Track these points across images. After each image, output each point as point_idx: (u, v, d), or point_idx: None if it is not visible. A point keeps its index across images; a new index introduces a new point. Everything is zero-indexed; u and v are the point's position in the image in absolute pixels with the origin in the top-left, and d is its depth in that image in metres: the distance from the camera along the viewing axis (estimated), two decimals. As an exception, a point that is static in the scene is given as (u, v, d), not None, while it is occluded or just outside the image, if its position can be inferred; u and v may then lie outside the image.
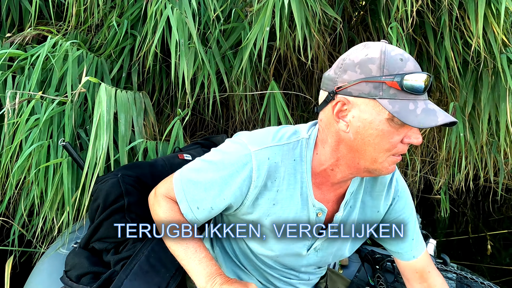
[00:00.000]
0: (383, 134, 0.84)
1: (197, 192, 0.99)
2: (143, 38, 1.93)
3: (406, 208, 1.08)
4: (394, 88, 0.82)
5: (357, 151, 0.88)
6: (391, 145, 0.85)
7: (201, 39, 2.03)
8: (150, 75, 2.21)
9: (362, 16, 2.65)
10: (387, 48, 0.85)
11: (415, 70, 0.84)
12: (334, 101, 0.88)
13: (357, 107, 0.85)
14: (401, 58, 0.84)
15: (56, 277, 1.29)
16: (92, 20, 2.00)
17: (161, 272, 1.17)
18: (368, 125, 0.84)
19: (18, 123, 1.57)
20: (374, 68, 0.83)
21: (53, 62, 1.65)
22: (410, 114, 0.81)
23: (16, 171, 1.58)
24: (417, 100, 0.83)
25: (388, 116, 0.83)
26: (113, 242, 1.27)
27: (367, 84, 0.83)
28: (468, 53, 2.05)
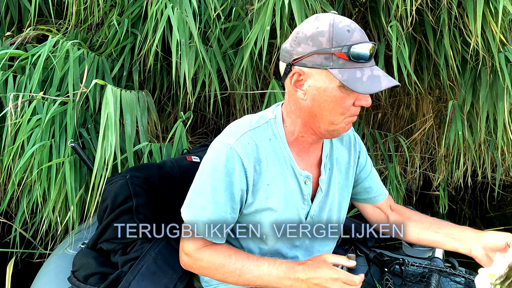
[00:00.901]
0: (336, 100, 0.94)
1: (215, 215, 1.01)
2: (144, 37, 1.93)
3: (367, 157, 1.24)
4: (342, 58, 0.91)
5: (316, 116, 0.98)
6: (344, 109, 0.95)
7: (201, 38, 2.04)
8: (151, 74, 2.22)
9: (362, 14, 2.65)
10: (335, 20, 0.93)
11: (361, 40, 0.92)
12: (291, 72, 0.97)
13: (312, 77, 0.94)
14: (348, 29, 0.92)
15: (64, 277, 1.30)
16: (92, 19, 2.00)
17: (169, 273, 1.18)
18: (323, 92, 0.94)
19: (20, 124, 1.58)
20: (324, 41, 0.91)
21: (55, 62, 1.65)
22: (357, 81, 0.90)
23: (19, 171, 1.59)
24: (364, 67, 0.92)
25: (339, 84, 0.92)
26: (120, 243, 1.28)
27: (319, 55, 0.92)
28: (467, 51, 2.06)
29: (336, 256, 1.04)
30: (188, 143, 1.89)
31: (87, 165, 1.56)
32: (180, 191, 1.44)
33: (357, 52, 0.91)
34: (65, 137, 1.63)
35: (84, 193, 1.69)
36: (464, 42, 2.12)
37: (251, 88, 2.21)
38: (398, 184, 2.82)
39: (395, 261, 1.43)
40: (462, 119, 2.24)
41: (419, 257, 1.64)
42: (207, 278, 1.19)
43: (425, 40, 2.29)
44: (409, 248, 1.67)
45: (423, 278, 1.36)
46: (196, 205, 1.03)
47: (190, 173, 1.47)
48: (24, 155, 1.54)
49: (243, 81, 2.11)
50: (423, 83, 2.44)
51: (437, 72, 2.36)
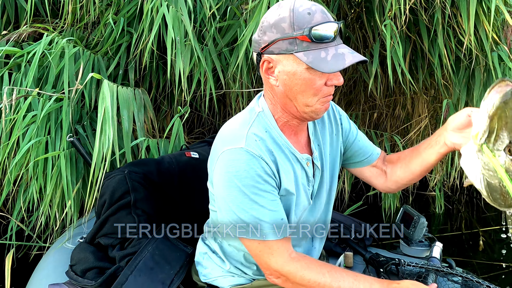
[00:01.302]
0: (306, 82, 0.96)
1: (274, 218, 1.01)
2: (139, 35, 1.94)
3: (350, 121, 1.26)
4: (305, 41, 0.93)
5: (291, 100, 1.01)
6: (316, 90, 0.97)
7: (197, 36, 2.05)
8: (147, 72, 2.23)
9: (357, 13, 2.67)
10: (296, 5, 0.95)
11: (322, 20, 0.94)
12: (261, 60, 1.00)
13: (280, 63, 0.97)
14: (308, 12, 0.94)
15: (62, 271, 1.31)
16: (88, 17, 2.01)
17: (166, 269, 1.19)
18: (292, 76, 0.97)
19: (15, 120, 1.59)
20: (286, 27, 0.95)
21: (50, 59, 1.66)
22: (322, 61, 0.93)
23: (14, 167, 1.60)
24: (328, 47, 0.94)
25: (306, 66, 0.95)
26: (118, 238, 1.28)
27: (283, 41, 0.95)
28: (461, 50, 2.08)
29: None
30: (185, 142, 1.90)
31: (86, 160, 1.57)
32: (179, 187, 1.46)
33: (319, 33, 0.93)
34: (61, 133, 1.64)
35: (82, 188, 1.70)
36: (458, 41, 2.14)
37: (247, 87, 2.22)
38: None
39: (390, 262, 1.44)
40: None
41: (417, 257, 1.65)
42: (205, 272, 1.20)
43: (420, 40, 2.31)
44: (407, 247, 1.68)
45: (419, 278, 1.36)
46: (250, 222, 0.99)
47: (188, 168, 1.49)
48: (19, 152, 1.55)
49: (238, 79, 2.13)
50: (418, 83, 2.45)
51: (432, 71, 2.38)
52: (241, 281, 1.16)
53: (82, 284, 1.22)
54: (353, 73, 2.92)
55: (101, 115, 1.49)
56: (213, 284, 1.18)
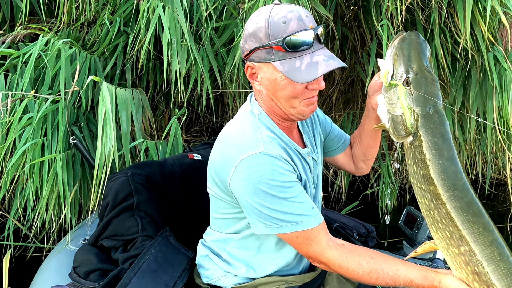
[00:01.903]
0: (287, 88, 1.00)
1: (307, 208, 1.04)
2: (135, 35, 1.94)
3: (320, 110, 1.34)
4: (281, 51, 0.97)
5: (276, 103, 1.05)
6: (297, 93, 1.01)
7: (194, 36, 2.05)
8: (144, 72, 2.23)
9: (355, 12, 2.67)
10: (272, 13, 0.98)
11: (297, 29, 0.96)
12: (245, 67, 1.05)
13: (261, 70, 1.02)
14: (284, 21, 0.97)
15: (65, 273, 1.31)
16: (84, 18, 2.01)
17: (169, 271, 1.20)
18: (273, 82, 1.01)
19: (11, 122, 1.59)
20: (262, 36, 0.98)
21: (46, 61, 1.66)
22: (296, 71, 0.96)
23: (10, 169, 1.60)
24: (304, 55, 0.97)
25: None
26: (121, 240, 1.29)
27: (261, 50, 0.99)
28: (457, 50, 2.08)
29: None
30: (183, 141, 1.91)
31: (89, 162, 1.56)
32: (182, 189, 1.47)
33: (293, 42, 0.96)
34: (57, 135, 1.65)
35: (79, 190, 1.71)
36: (455, 41, 2.14)
37: (244, 87, 2.22)
38: (391, 182, 2.84)
39: None
40: (452, 118, 2.26)
41: (420, 258, 1.66)
42: (207, 273, 1.21)
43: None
44: (410, 248, 1.68)
45: None
46: (285, 218, 1.02)
47: (191, 171, 1.50)
48: (15, 153, 1.56)
49: (235, 79, 2.13)
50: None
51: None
52: (243, 280, 1.18)
53: (85, 286, 1.22)
54: (351, 72, 2.92)
55: (102, 117, 1.49)
56: (216, 285, 1.19)
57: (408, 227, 1.69)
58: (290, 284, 1.17)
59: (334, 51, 2.70)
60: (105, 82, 1.56)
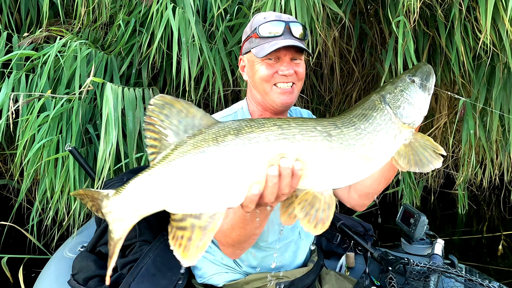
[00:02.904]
0: (260, 70, 1.11)
1: None
2: (150, 35, 1.99)
3: None
4: (257, 38, 1.11)
5: (256, 89, 1.14)
6: (268, 76, 1.10)
7: (206, 35, 2.07)
8: (159, 72, 2.28)
9: (374, 9, 2.60)
10: (260, 13, 1.15)
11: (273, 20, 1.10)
12: (239, 60, 1.20)
13: (246, 59, 1.16)
14: (265, 17, 1.12)
15: (64, 280, 1.32)
16: (101, 19, 2.08)
17: (168, 275, 1.20)
18: (251, 68, 1.14)
19: (29, 120, 1.68)
20: (248, 30, 1.16)
21: (62, 62, 1.74)
22: (262, 50, 1.09)
23: (29, 164, 1.70)
24: (273, 40, 1.08)
25: (260, 59, 1.09)
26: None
27: (246, 42, 1.15)
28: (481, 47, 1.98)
29: None
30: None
31: (85, 169, 1.56)
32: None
33: (264, 30, 1.09)
34: (71, 133, 1.72)
35: (91, 187, 1.78)
36: (477, 37, 2.04)
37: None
38: (411, 183, 2.76)
39: (400, 260, 1.42)
40: (474, 117, 2.15)
41: (418, 255, 1.63)
42: (200, 273, 1.24)
43: (438, 35, 2.22)
44: (408, 245, 1.65)
45: (426, 279, 1.36)
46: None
47: None
48: (31, 149, 1.64)
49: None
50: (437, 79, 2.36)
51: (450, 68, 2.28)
52: (235, 276, 1.19)
53: (84, 292, 1.24)
54: (371, 69, 2.85)
55: (105, 117, 1.55)
56: (209, 283, 1.21)
57: (405, 224, 1.65)
58: (281, 279, 1.18)
59: (352, 48, 2.64)
60: (109, 83, 1.61)
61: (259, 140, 0.74)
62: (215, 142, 0.71)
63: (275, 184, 0.75)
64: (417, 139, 0.90)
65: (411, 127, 0.90)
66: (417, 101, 0.93)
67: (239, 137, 0.73)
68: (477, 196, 3.58)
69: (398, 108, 0.91)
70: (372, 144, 0.86)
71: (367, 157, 0.85)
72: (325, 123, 0.84)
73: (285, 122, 0.79)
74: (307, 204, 0.80)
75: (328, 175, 0.81)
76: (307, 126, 0.81)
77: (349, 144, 0.83)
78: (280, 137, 0.76)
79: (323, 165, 0.79)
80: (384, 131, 0.88)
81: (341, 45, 2.64)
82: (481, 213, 3.36)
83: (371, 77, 2.93)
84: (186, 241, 0.72)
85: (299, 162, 0.77)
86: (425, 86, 0.96)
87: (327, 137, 0.81)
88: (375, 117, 0.89)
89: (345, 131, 0.85)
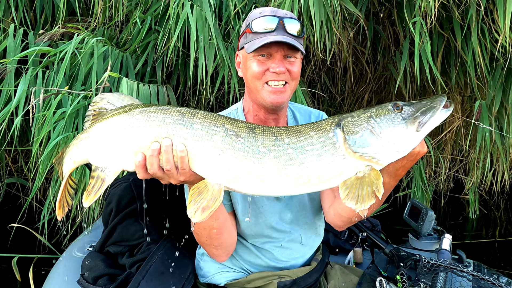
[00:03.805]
0: (251, 66, 1.08)
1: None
2: (166, 34, 1.99)
3: None
4: (250, 33, 1.08)
5: (248, 86, 1.12)
6: (258, 73, 1.07)
7: (222, 34, 2.07)
8: (174, 69, 2.27)
9: (388, 10, 2.59)
10: (257, 9, 1.12)
11: (266, 15, 1.07)
12: (235, 55, 1.18)
13: (241, 55, 1.14)
14: (260, 12, 1.10)
15: (73, 280, 1.32)
16: (117, 17, 2.08)
17: (176, 273, 1.21)
18: (244, 64, 1.11)
19: (46, 116, 1.68)
20: (243, 26, 1.14)
21: (80, 58, 1.74)
22: (252, 45, 1.06)
23: (44, 160, 1.69)
24: (265, 36, 1.05)
25: (252, 54, 1.07)
26: (127, 245, 1.30)
27: (241, 37, 1.13)
28: (496, 48, 1.97)
29: None
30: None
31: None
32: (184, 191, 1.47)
33: (257, 25, 1.07)
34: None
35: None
36: (495, 40, 2.03)
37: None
38: (423, 185, 2.74)
39: (411, 257, 1.40)
40: (489, 120, 2.14)
41: (426, 250, 1.62)
42: (202, 272, 1.24)
43: (453, 37, 2.21)
44: (416, 241, 1.64)
45: (436, 274, 1.34)
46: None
47: None
48: (48, 145, 1.64)
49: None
50: (451, 81, 2.35)
51: (466, 70, 2.27)
52: (237, 275, 1.19)
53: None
54: (383, 71, 2.84)
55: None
56: (211, 283, 1.22)
57: (413, 220, 1.64)
58: (283, 278, 1.17)
59: (366, 50, 2.64)
60: (124, 78, 1.61)
61: (156, 119, 0.86)
62: (126, 113, 0.88)
63: (153, 157, 0.85)
64: (370, 175, 0.83)
65: (369, 160, 0.83)
66: (387, 133, 0.83)
67: (143, 113, 0.87)
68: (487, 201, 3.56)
69: (353, 134, 0.84)
70: (292, 161, 0.85)
71: (279, 171, 0.85)
72: (242, 126, 0.88)
73: (192, 113, 0.87)
74: (197, 191, 0.86)
75: (221, 170, 0.85)
76: (215, 121, 0.87)
77: (258, 151, 0.85)
78: (176, 122, 0.86)
79: (212, 158, 0.85)
80: (316, 153, 0.85)
81: (355, 46, 2.63)
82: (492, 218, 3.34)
83: (383, 78, 2.92)
84: (90, 187, 0.89)
85: (182, 145, 0.85)
86: (414, 119, 0.84)
87: (232, 135, 0.86)
88: (311, 136, 0.86)
89: (260, 138, 0.86)
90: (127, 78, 1.70)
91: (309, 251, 1.24)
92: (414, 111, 0.85)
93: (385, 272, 1.39)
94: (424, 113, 0.84)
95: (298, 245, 1.20)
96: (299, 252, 1.21)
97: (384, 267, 1.42)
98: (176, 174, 0.87)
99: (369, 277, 1.33)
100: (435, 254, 1.50)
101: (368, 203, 0.82)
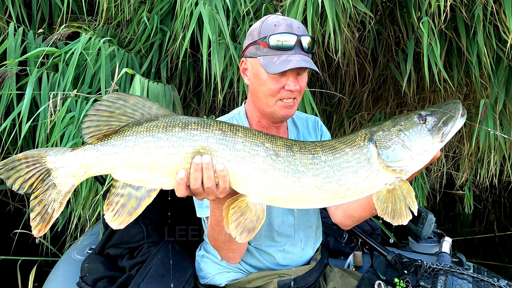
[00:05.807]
0: (265, 83, 1.07)
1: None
2: (174, 34, 1.93)
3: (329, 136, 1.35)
4: (265, 47, 1.06)
5: (257, 98, 1.11)
6: (273, 91, 1.07)
7: (231, 35, 2.02)
8: (178, 70, 2.22)
9: (390, 9, 2.60)
10: (269, 18, 1.10)
11: (283, 31, 1.06)
12: (240, 62, 1.15)
13: (250, 64, 1.11)
14: (275, 24, 1.07)
15: (72, 282, 1.32)
16: (122, 15, 2.00)
17: (176, 275, 1.21)
18: (256, 77, 1.09)
19: (54, 122, 1.59)
20: (255, 34, 1.10)
21: (88, 59, 1.66)
22: (271, 64, 1.04)
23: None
24: (283, 54, 1.05)
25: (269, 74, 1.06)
26: (127, 247, 1.30)
27: (252, 46, 1.10)
28: (502, 49, 2.00)
29: None
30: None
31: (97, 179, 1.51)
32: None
33: (276, 41, 1.05)
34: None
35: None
36: (499, 39, 2.06)
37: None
38: (423, 183, 2.78)
39: (414, 263, 1.42)
40: (493, 118, 2.18)
41: (426, 253, 1.64)
42: (203, 274, 1.24)
43: (457, 37, 2.24)
44: (416, 244, 1.66)
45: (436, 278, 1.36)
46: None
47: None
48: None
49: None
50: (453, 81, 2.39)
51: (467, 69, 2.31)
52: (237, 276, 1.20)
53: (93, 294, 1.22)
54: (383, 70, 2.86)
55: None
56: (212, 284, 1.22)
57: (413, 223, 1.66)
58: (283, 277, 1.18)
59: (369, 49, 2.64)
60: (138, 75, 1.56)
61: (199, 138, 0.83)
62: (164, 130, 0.82)
63: (197, 171, 0.82)
64: (402, 188, 0.85)
65: (399, 172, 0.85)
66: (416, 146, 0.85)
67: (184, 130, 0.83)
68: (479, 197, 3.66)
69: (386, 148, 0.85)
70: (329, 178, 0.86)
71: (318, 190, 0.87)
72: (280, 144, 0.87)
73: (233, 130, 0.85)
74: (239, 211, 0.86)
75: (262, 191, 0.85)
76: (256, 140, 0.86)
77: (297, 170, 0.86)
78: (219, 143, 0.84)
79: (254, 179, 0.84)
80: (352, 170, 0.86)
81: (357, 45, 2.63)
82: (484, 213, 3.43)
83: (383, 78, 2.94)
84: (119, 207, 0.81)
85: (221, 165, 0.83)
86: (438, 130, 0.86)
87: (272, 155, 0.86)
88: (346, 153, 0.87)
89: (298, 157, 0.86)
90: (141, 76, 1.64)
91: (309, 254, 1.26)
92: (436, 121, 0.87)
93: (384, 276, 1.40)
94: (445, 123, 0.87)
95: (299, 250, 1.22)
96: (300, 256, 1.23)
97: (383, 271, 1.43)
98: (216, 191, 0.86)
99: (367, 281, 1.35)
100: (435, 257, 1.51)
101: (405, 219, 0.84)
